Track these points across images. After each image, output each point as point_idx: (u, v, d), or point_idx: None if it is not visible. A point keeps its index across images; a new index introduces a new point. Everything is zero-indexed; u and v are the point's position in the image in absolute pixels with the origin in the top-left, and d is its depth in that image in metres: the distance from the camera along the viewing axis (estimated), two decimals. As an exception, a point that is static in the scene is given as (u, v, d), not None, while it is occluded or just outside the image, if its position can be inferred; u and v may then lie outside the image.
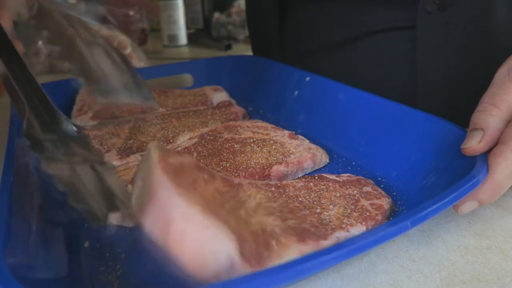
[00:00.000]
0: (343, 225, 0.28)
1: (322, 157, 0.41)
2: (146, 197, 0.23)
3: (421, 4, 0.45)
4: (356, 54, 0.54)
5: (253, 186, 0.31)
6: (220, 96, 0.58)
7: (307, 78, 0.51)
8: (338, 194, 0.32)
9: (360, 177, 0.36)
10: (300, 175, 0.39)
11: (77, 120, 0.49)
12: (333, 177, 0.35)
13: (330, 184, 0.34)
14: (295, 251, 0.25)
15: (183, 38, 1.14)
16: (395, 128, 0.39)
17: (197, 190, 0.24)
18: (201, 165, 0.29)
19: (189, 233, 0.21)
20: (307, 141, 0.42)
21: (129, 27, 1.04)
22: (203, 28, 1.25)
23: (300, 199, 0.31)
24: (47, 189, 0.33)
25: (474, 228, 0.32)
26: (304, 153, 0.40)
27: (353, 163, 0.41)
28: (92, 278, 0.27)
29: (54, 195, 0.31)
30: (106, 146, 0.42)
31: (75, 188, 0.26)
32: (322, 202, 0.31)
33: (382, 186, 0.36)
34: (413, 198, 0.34)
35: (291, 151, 0.40)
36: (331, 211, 0.30)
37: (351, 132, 0.44)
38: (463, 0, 0.45)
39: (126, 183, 0.31)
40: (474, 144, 0.30)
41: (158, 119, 0.48)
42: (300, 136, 0.43)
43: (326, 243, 0.26)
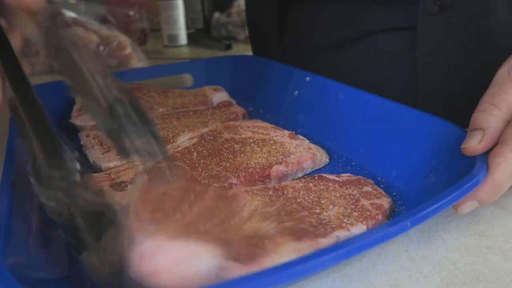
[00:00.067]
0: (343, 225, 0.28)
1: (322, 157, 0.41)
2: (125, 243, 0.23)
3: (422, 5, 0.45)
4: (356, 54, 0.54)
5: (249, 193, 0.31)
6: (220, 96, 0.58)
7: (307, 78, 0.51)
8: (338, 194, 0.32)
9: (360, 177, 0.36)
10: (300, 175, 0.39)
11: (77, 120, 0.49)
12: (333, 177, 0.35)
13: (330, 184, 0.34)
14: (291, 249, 0.25)
15: (183, 38, 1.14)
16: (395, 128, 0.39)
17: (176, 218, 0.25)
18: (190, 184, 0.29)
19: (161, 262, 0.22)
20: (307, 141, 0.42)
21: (129, 27, 1.04)
22: (203, 28, 1.25)
23: (299, 200, 0.31)
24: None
25: (474, 228, 0.32)
26: (304, 153, 0.40)
27: (353, 163, 0.41)
28: (92, 278, 0.27)
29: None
30: (106, 146, 0.42)
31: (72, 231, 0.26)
32: (322, 202, 0.31)
33: (382, 186, 0.36)
34: (413, 198, 0.34)
35: (291, 151, 0.40)
36: (330, 211, 0.30)
37: (351, 132, 0.44)
38: (463, 1, 0.45)
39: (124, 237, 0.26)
40: (474, 144, 0.30)
41: (158, 119, 0.48)
42: (300, 136, 0.43)
43: (324, 241, 0.26)
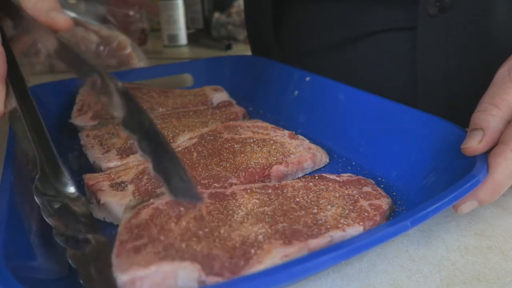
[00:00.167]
0: (339, 225, 0.28)
1: (322, 157, 0.41)
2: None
3: (422, 6, 0.45)
4: (356, 54, 0.54)
5: (247, 192, 0.31)
6: (220, 96, 0.58)
7: (307, 78, 0.51)
8: (337, 194, 0.32)
9: (360, 177, 0.36)
10: (300, 175, 0.39)
11: (77, 120, 0.49)
12: (333, 177, 0.35)
13: (329, 184, 0.34)
14: (278, 255, 0.25)
15: (183, 38, 1.14)
16: (395, 128, 0.39)
17: (161, 239, 0.25)
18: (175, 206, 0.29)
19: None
20: (307, 141, 0.42)
21: (129, 27, 1.04)
22: (203, 28, 1.25)
23: (297, 199, 0.31)
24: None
25: (474, 228, 0.32)
26: (304, 153, 0.40)
27: (353, 163, 0.41)
28: None
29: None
30: (106, 146, 0.42)
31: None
32: (320, 202, 0.31)
33: (382, 186, 0.36)
34: (413, 198, 0.34)
35: (291, 151, 0.40)
36: (328, 211, 0.30)
37: (351, 132, 0.44)
38: (463, 1, 0.45)
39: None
40: (474, 144, 0.30)
41: (158, 119, 0.48)
42: (300, 136, 0.43)
43: (316, 242, 0.26)
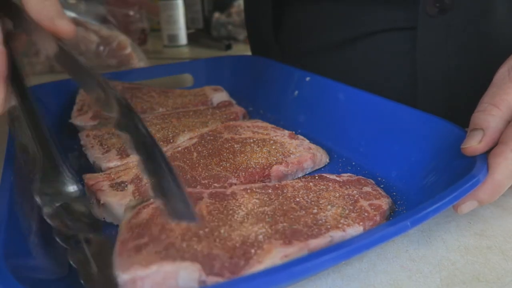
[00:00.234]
0: (339, 225, 0.28)
1: (322, 157, 0.41)
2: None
3: (422, 7, 0.45)
4: (356, 54, 0.54)
5: (247, 192, 0.31)
6: (220, 96, 0.58)
7: (307, 78, 0.51)
8: (338, 194, 0.32)
9: (360, 177, 0.36)
10: (300, 175, 0.39)
11: (77, 120, 0.49)
12: (333, 177, 0.35)
13: (330, 184, 0.34)
14: (278, 255, 0.25)
15: (183, 38, 1.14)
16: (395, 128, 0.39)
17: (162, 238, 0.25)
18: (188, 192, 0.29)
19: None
20: (307, 141, 0.42)
21: (129, 27, 1.04)
22: (203, 28, 1.25)
23: (297, 199, 0.31)
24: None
25: (474, 228, 0.32)
26: (304, 153, 0.40)
27: (353, 163, 0.41)
28: None
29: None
30: (106, 146, 0.42)
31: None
32: (321, 202, 0.31)
33: (382, 186, 0.36)
34: (413, 198, 0.34)
35: (291, 151, 0.40)
36: (328, 211, 0.30)
37: (351, 132, 0.44)
38: (463, 2, 0.45)
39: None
40: (474, 144, 0.30)
41: (158, 119, 0.48)
42: (300, 136, 0.43)
43: (316, 242, 0.26)
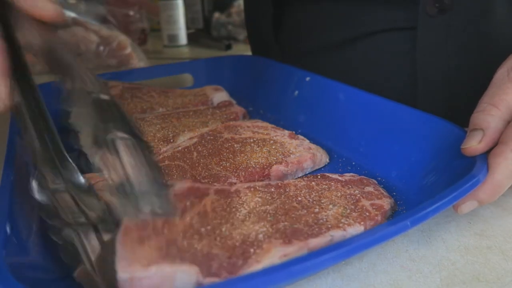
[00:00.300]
0: (340, 225, 0.28)
1: (322, 157, 0.41)
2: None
3: (422, 7, 0.45)
4: (356, 54, 0.54)
5: (250, 190, 0.31)
6: (220, 96, 0.58)
7: (307, 78, 0.51)
8: (339, 194, 0.32)
9: (362, 176, 0.36)
10: (300, 175, 0.39)
11: (77, 120, 0.49)
12: (336, 176, 0.35)
13: (332, 183, 0.34)
14: (277, 255, 0.25)
15: (183, 38, 1.14)
16: (395, 128, 0.39)
17: (163, 235, 0.25)
18: (191, 188, 0.29)
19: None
20: (307, 141, 0.42)
21: (129, 27, 1.04)
22: (203, 28, 1.25)
23: (299, 198, 0.31)
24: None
25: (474, 228, 0.32)
26: (304, 153, 0.40)
27: (353, 163, 0.41)
28: None
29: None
30: (106, 146, 0.42)
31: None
32: (322, 201, 0.31)
33: (382, 186, 0.36)
34: (413, 198, 0.34)
35: (291, 151, 0.40)
36: (329, 210, 0.30)
37: (351, 132, 0.44)
38: (463, 2, 0.45)
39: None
40: (474, 144, 0.30)
41: (158, 119, 0.48)
42: (300, 136, 0.43)
43: (316, 241, 0.26)
